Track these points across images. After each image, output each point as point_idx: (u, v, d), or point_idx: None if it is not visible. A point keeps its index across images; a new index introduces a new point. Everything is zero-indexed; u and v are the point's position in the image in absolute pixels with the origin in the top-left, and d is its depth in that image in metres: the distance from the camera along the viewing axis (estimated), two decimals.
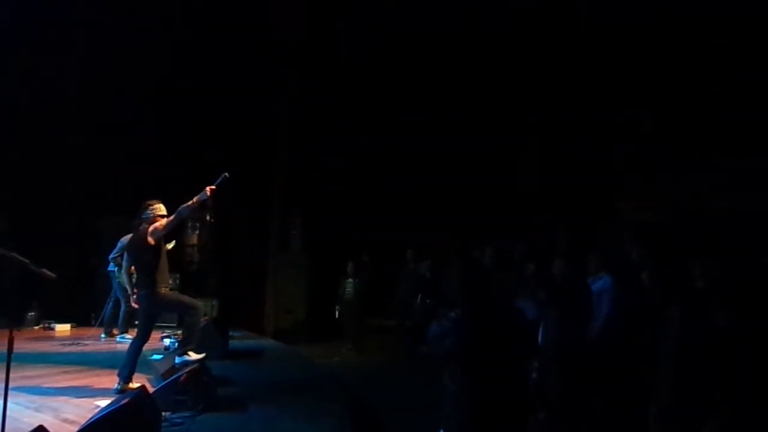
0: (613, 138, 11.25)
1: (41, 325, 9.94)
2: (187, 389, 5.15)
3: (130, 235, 8.29)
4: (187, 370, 5.38)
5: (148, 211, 5.92)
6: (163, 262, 5.93)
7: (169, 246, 6.62)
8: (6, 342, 3.87)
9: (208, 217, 10.92)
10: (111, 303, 9.12)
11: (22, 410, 5.08)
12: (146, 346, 6.20)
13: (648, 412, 4.06)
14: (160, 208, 5.96)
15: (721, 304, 3.55)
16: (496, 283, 3.60)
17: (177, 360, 5.85)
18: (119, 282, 8.64)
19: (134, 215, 6.51)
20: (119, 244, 8.60)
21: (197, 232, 10.91)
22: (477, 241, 9.21)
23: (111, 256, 8.66)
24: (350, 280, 10.65)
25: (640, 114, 10.79)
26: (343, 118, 12.51)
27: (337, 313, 10.75)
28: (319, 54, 12.55)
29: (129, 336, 8.29)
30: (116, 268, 8.66)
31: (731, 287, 3.81)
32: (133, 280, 7.18)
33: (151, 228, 5.81)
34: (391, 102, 12.67)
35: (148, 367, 6.70)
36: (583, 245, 8.49)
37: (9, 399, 3.80)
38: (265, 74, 12.37)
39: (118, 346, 8.32)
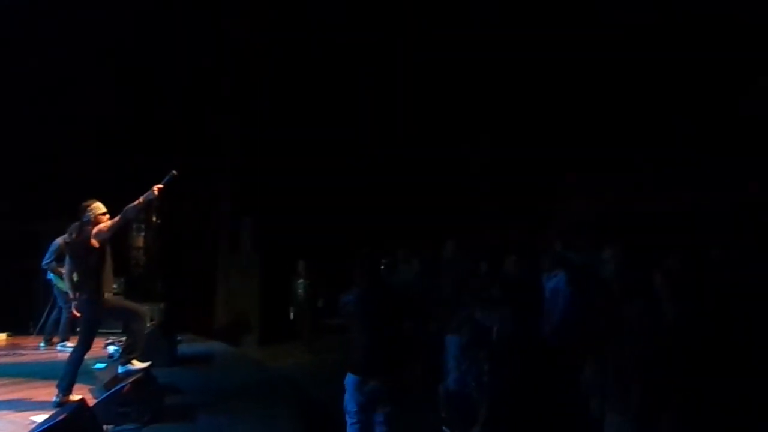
0: (557, 136, 11.34)
1: None
2: (130, 400, 4.93)
3: (61, 238, 8.05)
4: (130, 380, 5.16)
5: (88, 213, 5.66)
6: (108, 266, 5.68)
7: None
8: None
9: (153, 218, 10.58)
10: (52, 310, 8.72)
11: None
12: (88, 354, 5.91)
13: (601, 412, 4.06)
14: (99, 207, 5.71)
15: (677, 300, 3.57)
16: (380, 271, 5.07)
17: (120, 369, 5.60)
18: (59, 288, 8.27)
19: (75, 218, 6.21)
20: (51, 248, 8.25)
21: (143, 233, 10.56)
22: (426, 240, 9.21)
23: (44, 262, 8.28)
24: (301, 280, 10.48)
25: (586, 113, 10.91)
26: (294, 112, 12.31)
27: (291, 314, 10.57)
28: (266, 51, 12.33)
29: (70, 344, 7.91)
30: (53, 276, 8.28)
31: (686, 282, 3.85)
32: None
33: (95, 230, 5.55)
34: (341, 98, 12.54)
35: (90, 377, 6.41)
36: (530, 243, 8.57)
37: None
38: (210, 70, 12.08)
39: (59, 355, 7.94)
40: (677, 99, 8.84)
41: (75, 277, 6.00)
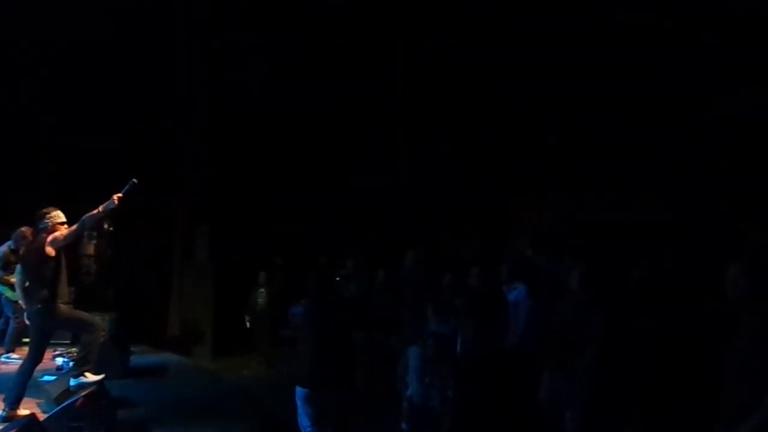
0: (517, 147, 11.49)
1: None
2: (83, 415, 4.71)
3: (5, 246, 7.74)
4: (83, 393, 4.95)
5: (46, 220, 5.42)
6: (63, 275, 5.46)
7: None
8: None
9: (106, 226, 10.23)
10: None
11: None
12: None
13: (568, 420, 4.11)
14: (58, 215, 5.48)
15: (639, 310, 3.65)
16: (331, 283, 5.23)
17: (72, 382, 5.38)
18: (7, 297, 7.92)
19: (21, 224, 5.95)
20: None
21: (94, 241, 10.19)
22: (387, 251, 9.21)
23: None
24: (262, 290, 10.35)
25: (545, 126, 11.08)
26: (254, 122, 12.19)
27: (247, 323, 10.41)
28: (229, 59, 12.20)
29: (15, 356, 7.59)
30: (0, 286, 7.93)
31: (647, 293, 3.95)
32: None
33: (50, 237, 5.32)
34: (300, 107, 12.47)
35: (38, 390, 6.12)
36: (489, 254, 8.64)
37: None
38: (171, 77, 11.85)
39: (3, 367, 7.57)
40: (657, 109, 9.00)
41: (27, 285, 5.77)
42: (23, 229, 7.26)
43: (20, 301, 6.82)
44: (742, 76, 7.75)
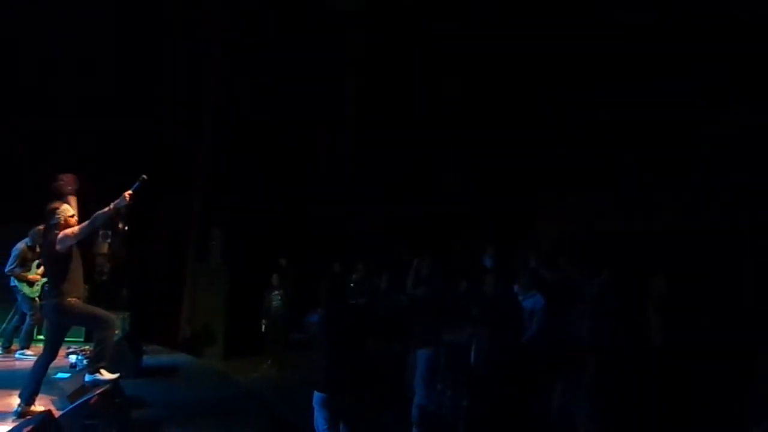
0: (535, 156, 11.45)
1: None
2: (97, 413, 4.73)
3: (23, 243, 7.82)
4: (97, 391, 4.96)
5: (57, 216, 5.43)
6: (76, 272, 5.46)
7: None
8: None
9: (120, 225, 10.27)
10: (15, 316, 8.41)
11: None
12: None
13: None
14: (67, 209, 5.48)
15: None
16: (345, 291, 5.51)
17: (87, 378, 5.40)
18: (25, 294, 7.99)
19: (35, 222, 5.97)
20: (13, 254, 7.95)
21: (109, 240, 10.22)
22: (401, 256, 9.18)
23: (7, 268, 7.96)
24: (276, 292, 10.37)
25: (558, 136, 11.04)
26: (268, 125, 12.23)
27: (263, 326, 10.44)
28: (243, 61, 12.25)
29: (30, 352, 7.65)
30: (17, 282, 8.00)
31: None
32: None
33: (60, 234, 5.33)
34: (313, 109, 12.50)
35: (52, 387, 6.15)
36: (508, 261, 8.60)
37: None
38: (185, 78, 11.91)
39: (17, 363, 7.64)
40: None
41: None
42: (41, 227, 7.33)
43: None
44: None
